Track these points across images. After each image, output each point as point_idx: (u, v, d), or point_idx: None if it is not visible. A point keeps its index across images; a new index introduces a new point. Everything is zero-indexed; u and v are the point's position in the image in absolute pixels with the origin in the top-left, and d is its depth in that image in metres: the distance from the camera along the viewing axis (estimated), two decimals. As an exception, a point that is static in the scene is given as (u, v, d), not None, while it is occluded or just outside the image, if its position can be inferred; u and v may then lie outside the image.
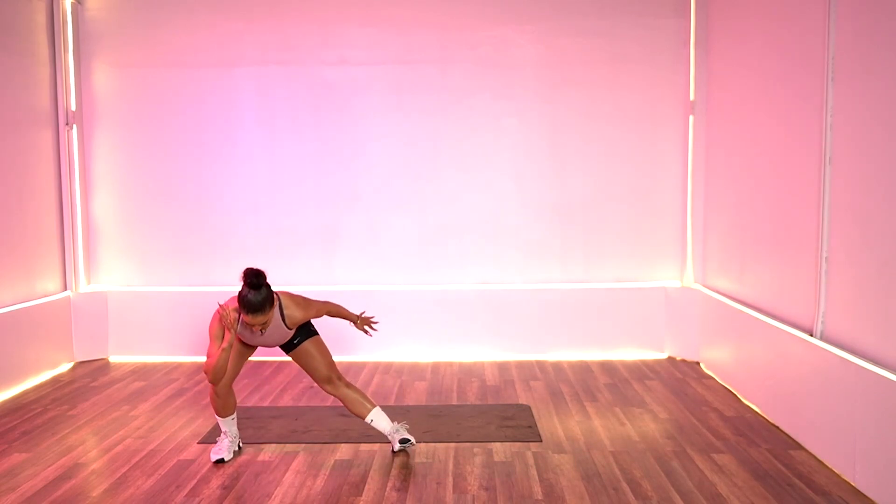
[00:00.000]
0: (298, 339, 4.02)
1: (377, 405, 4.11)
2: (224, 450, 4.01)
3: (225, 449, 4.02)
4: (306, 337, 4.03)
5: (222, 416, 4.02)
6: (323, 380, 4.04)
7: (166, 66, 6.24)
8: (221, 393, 3.93)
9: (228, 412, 4.02)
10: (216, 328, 3.78)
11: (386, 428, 4.06)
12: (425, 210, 6.29)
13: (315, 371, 4.03)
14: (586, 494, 3.54)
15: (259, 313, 3.65)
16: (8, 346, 5.33)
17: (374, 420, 4.05)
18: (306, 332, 4.04)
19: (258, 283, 3.68)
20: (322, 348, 4.05)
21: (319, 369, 4.02)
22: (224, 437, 4.05)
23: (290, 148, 6.27)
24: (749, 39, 5.14)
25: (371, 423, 4.06)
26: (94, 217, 6.33)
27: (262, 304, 3.65)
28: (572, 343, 6.18)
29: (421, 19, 6.18)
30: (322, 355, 4.03)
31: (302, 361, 4.06)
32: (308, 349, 4.02)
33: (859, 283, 3.73)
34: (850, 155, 3.84)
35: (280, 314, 3.82)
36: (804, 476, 3.72)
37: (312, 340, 4.04)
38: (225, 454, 4.00)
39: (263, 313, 3.66)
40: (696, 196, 6.08)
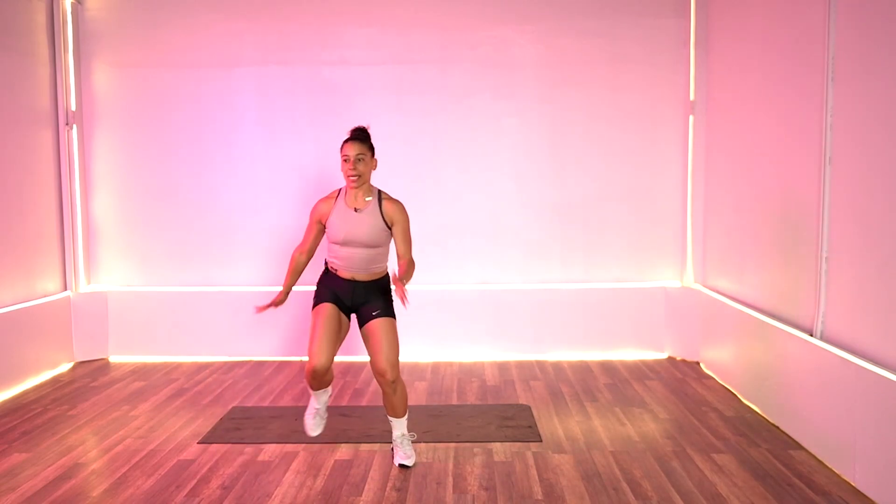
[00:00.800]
0: (378, 311, 3.86)
1: (405, 417, 3.95)
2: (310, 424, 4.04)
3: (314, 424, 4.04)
4: (386, 314, 3.87)
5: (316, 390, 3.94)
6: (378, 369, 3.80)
7: (166, 66, 6.24)
8: (318, 376, 3.78)
9: (323, 386, 3.93)
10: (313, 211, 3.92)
11: (396, 435, 3.96)
12: (425, 210, 6.27)
13: (378, 353, 3.80)
14: (586, 494, 3.54)
15: (358, 141, 3.77)
16: (8, 346, 5.33)
17: (393, 422, 3.96)
18: (387, 308, 3.89)
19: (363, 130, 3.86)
20: (394, 333, 3.86)
21: (383, 352, 3.78)
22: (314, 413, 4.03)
23: (290, 148, 6.27)
24: (749, 39, 5.14)
25: (390, 421, 3.97)
26: (94, 217, 6.33)
27: (364, 137, 3.81)
28: (572, 343, 6.18)
29: (421, 19, 6.18)
30: (391, 340, 3.83)
31: (372, 337, 3.83)
32: (383, 327, 3.83)
33: (859, 283, 3.73)
34: (850, 155, 3.84)
35: (378, 203, 3.82)
36: (804, 476, 3.72)
37: (390, 321, 3.87)
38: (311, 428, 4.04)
39: (363, 143, 3.78)
40: (696, 196, 6.08)
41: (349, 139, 3.80)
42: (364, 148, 3.79)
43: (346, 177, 3.80)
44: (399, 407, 3.91)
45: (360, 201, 3.85)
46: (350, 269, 3.87)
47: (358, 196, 3.85)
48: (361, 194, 3.85)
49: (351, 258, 3.85)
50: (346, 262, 3.86)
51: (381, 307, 3.88)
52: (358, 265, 3.86)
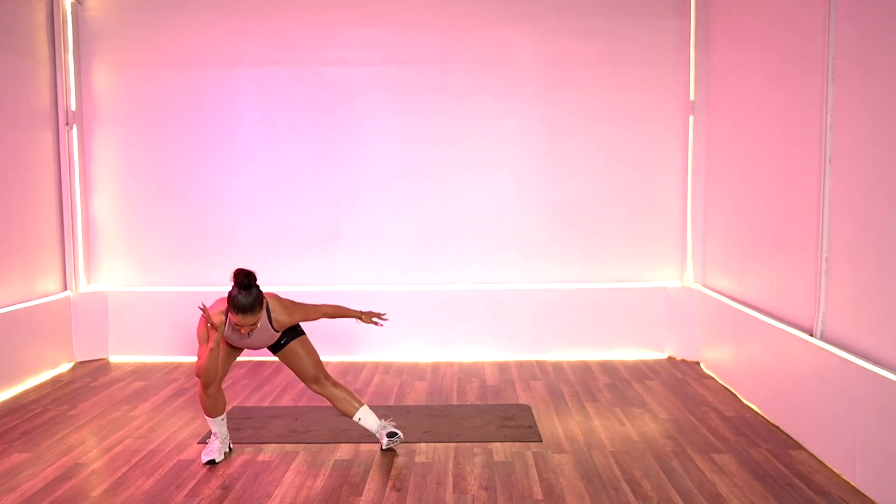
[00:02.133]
0: (285, 339, 4.03)
1: (365, 404, 4.12)
2: (215, 451, 4.01)
3: (216, 450, 4.02)
4: (293, 337, 4.04)
5: (212, 417, 4.01)
6: (310, 379, 4.05)
7: (166, 66, 6.24)
8: (211, 393, 3.92)
9: (218, 412, 4.01)
10: (203, 331, 3.76)
11: (373, 426, 4.09)
12: (425, 210, 6.29)
13: (302, 371, 4.05)
14: (586, 494, 3.54)
15: (249, 314, 3.64)
16: (8, 346, 5.33)
17: (362, 419, 4.08)
18: (293, 333, 4.05)
19: (248, 283, 3.66)
20: (309, 348, 4.06)
21: (307, 369, 4.04)
22: (214, 438, 4.05)
23: (290, 148, 6.27)
24: (749, 39, 5.14)
25: (359, 421, 4.08)
26: (94, 217, 6.33)
27: (253, 305, 3.64)
28: (572, 343, 6.18)
29: (421, 19, 6.18)
30: (309, 355, 4.04)
31: (289, 361, 4.06)
32: (295, 349, 4.03)
33: (859, 283, 3.73)
34: (850, 155, 3.84)
35: (268, 317, 3.82)
36: (804, 476, 3.72)
37: (299, 340, 4.05)
38: (216, 455, 4.00)
39: (253, 314, 3.65)
40: (696, 196, 6.08)
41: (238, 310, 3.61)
42: (256, 314, 3.67)
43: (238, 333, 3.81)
44: (350, 398, 4.07)
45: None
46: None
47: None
48: None
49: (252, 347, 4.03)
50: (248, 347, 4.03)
51: (287, 334, 4.04)
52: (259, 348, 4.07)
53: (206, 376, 3.76)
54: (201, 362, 3.73)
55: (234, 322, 3.67)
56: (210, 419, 4.02)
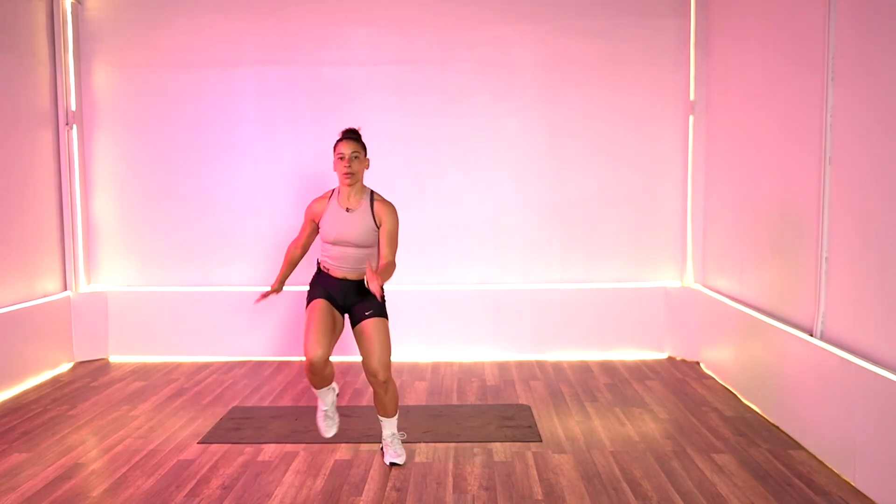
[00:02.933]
0: (371, 311, 3.86)
1: (395, 416, 3.98)
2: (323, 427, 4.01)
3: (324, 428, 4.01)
4: (379, 314, 3.87)
5: (318, 388, 3.89)
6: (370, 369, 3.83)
7: (166, 66, 6.24)
8: (317, 370, 3.74)
9: (326, 383, 3.87)
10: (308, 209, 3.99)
11: (386, 435, 3.99)
12: (425, 210, 6.28)
13: (370, 355, 3.82)
14: (586, 494, 3.54)
15: (353, 140, 3.83)
16: (8, 346, 5.33)
17: (384, 424, 3.99)
18: (380, 309, 3.89)
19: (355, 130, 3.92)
20: (387, 334, 3.86)
21: (374, 354, 3.80)
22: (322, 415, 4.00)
23: (290, 148, 6.27)
24: (749, 39, 5.14)
25: (381, 421, 4.01)
26: (94, 217, 6.33)
27: (358, 137, 3.87)
28: (572, 343, 6.18)
29: (421, 19, 6.18)
30: (383, 341, 3.83)
31: (364, 338, 3.85)
32: (376, 327, 3.83)
33: (859, 283, 3.73)
34: (850, 155, 3.84)
35: (370, 204, 3.86)
36: (804, 476, 3.72)
37: (383, 322, 3.86)
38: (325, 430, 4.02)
39: (357, 142, 3.84)
40: (696, 196, 6.08)
41: (344, 138, 3.86)
42: (358, 147, 3.86)
43: (340, 175, 3.84)
44: (390, 407, 3.93)
45: (353, 201, 3.87)
46: (342, 269, 3.88)
47: (350, 196, 3.87)
48: (354, 194, 3.87)
49: (342, 257, 3.87)
50: (338, 262, 3.88)
51: (374, 307, 3.87)
52: (349, 264, 3.87)
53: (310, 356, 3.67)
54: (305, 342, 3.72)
55: (338, 153, 3.81)
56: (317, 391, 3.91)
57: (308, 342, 3.71)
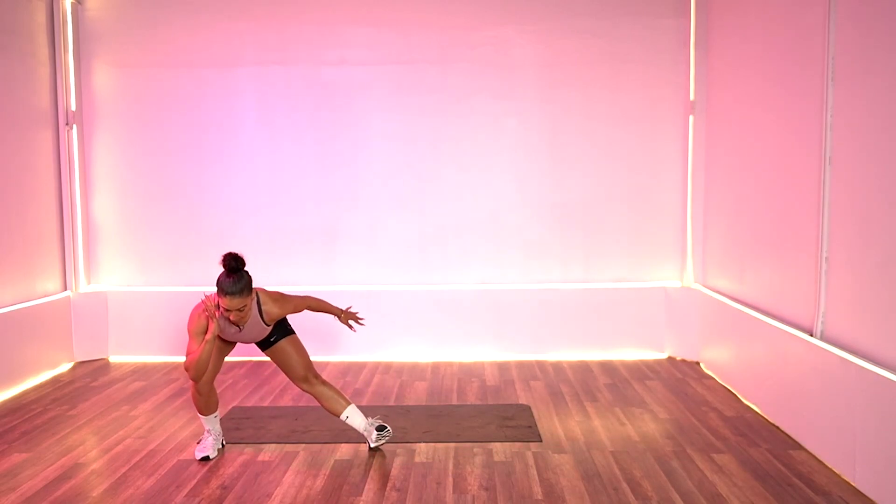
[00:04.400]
0: (275, 336, 4.05)
1: (352, 403, 4.14)
2: (209, 447, 4.05)
3: (210, 446, 4.05)
4: (283, 335, 4.06)
5: (205, 415, 4.07)
6: (299, 378, 4.07)
7: (166, 66, 6.24)
8: (204, 391, 3.96)
9: (211, 410, 4.07)
10: (195, 324, 3.79)
11: (361, 424, 4.10)
12: (425, 210, 6.29)
13: (291, 369, 4.06)
14: (586, 494, 3.54)
15: (237, 296, 3.67)
16: (8, 346, 5.33)
17: (349, 417, 4.09)
18: (283, 331, 4.07)
19: (237, 266, 3.70)
20: (298, 346, 4.08)
21: (296, 367, 4.05)
22: (208, 435, 4.10)
23: (290, 148, 6.27)
24: (749, 39, 5.14)
25: (346, 419, 4.10)
26: (94, 217, 6.33)
27: (241, 288, 3.68)
28: (572, 343, 6.18)
29: (421, 19, 6.18)
30: (298, 354, 4.06)
31: (278, 359, 4.09)
32: (284, 347, 4.05)
33: (859, 283, 3.73)
34: (850, 155, 3.84)
35: (258, 310, 3.86)
36: (804, 476, 3.72)
37: (289, 339, 4.07)
38: (210, 451, 4.04)
39: (242, 297, 3.68)
40: (696, 196, 6.08)
41: (226, 293, 3.65)
42: (245, 298, 3.70)
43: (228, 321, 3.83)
44: (337, 396, 4.09)
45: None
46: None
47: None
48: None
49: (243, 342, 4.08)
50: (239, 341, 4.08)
51: (277, 332, 4.06)
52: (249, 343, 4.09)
53: (197, 370, 3.77)
54: (192, 357, 3.75)
55: (223, 307, 3.69)
56: (203, 417, 4.07)
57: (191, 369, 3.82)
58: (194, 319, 3.80)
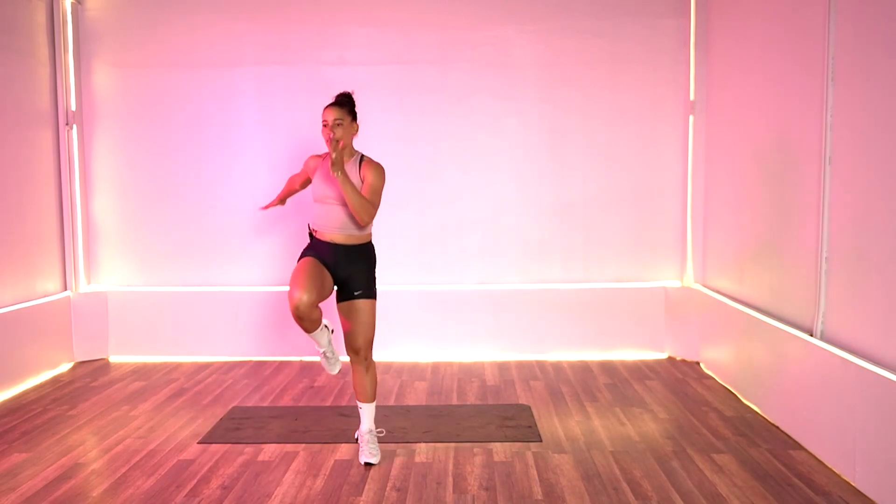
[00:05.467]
0: (360, 291, 3.92)
1: (374, 402, 4.04)
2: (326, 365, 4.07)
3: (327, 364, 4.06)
4: (367, 295, 3.93)
5: (310, 332, 3.86)
6: (355, 346, 3.93)
7: (166, 66, 6.24)
8: (304, 315, 3.72)
9: (315, 326, 3.83)
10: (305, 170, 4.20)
11: (364, 426, 4.03)
12: (425, 210, 6.29)
13: (354, 334, 3.91)
14: (586, 494, 3.54)
15: (338, 107, 3.94)
16: (8, 346, 5.33)
17: (363, 410, 4.04)
18: (368, 290, 3.94)
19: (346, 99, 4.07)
20: (373, 316, 3.95)
21: (359, 334, 3.91)
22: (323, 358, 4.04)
23: (290, 148, 6.27)
24: (749, 39, 5.14)
25: (359, 409, 4.05)
26: (94, 217, 6.33)
27: (344, 103, 4.00)
28: (572, 343, 6.18)
29: (421, 19, 6.18)
30: (369, 322, 3.93)
31: (349, 317, 3.92)
32: (362, 308, 3.91)
33: (859, 283, 3.73)
34: (850, 155, 3.84)
35: (358, 164, 4.00)
36: (804, 476, 3.72)
37: (370, 303, 3.93)
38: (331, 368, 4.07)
39: (342, 109, 3.95)
40: (696, 196, 6.08)
41: (330, 104, 3.98)
42: (343, 113, 3.96)
43: (324, 141, 3.95)
44: (370, 388, 4.00)
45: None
46: (329, 230, 3.92)
47: None
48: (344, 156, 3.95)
49: (329, 217, 3.92)
50: (326, 222, 3.93)
51: (364, 287, 3.94)
52: (336, 225, 3.91)
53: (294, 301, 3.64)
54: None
55: (324, 120, 3.91)
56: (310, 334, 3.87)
57: (292, 289, 3.70)
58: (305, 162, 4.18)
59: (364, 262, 3.98)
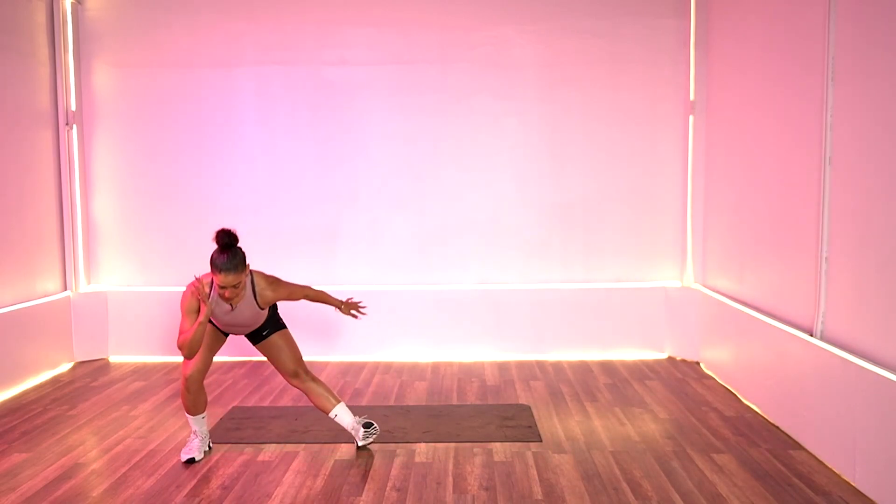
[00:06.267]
0: (268, 330, 4.03)
1: (342, 401, 4.12)
2: (195, 449, 4.01)
3: (196, 448, 4.02)
4: (275, 329, 4.05)
5: (192, 415, 4.01)
6: (289, 373, 4.05)
7: (166, 66, 6.24)
8: (192, 389, 3.91)
9: (199, 410, 4.01)
10: (188, 303, 3.73)
11: (348, 423, 4.09)
12: (425, 210, 6.29)
13: (282, 364, 4.05)
14: (586, 494, 3.54)
15: (231, 272, 3.60)
16: (8, 346, 5.33)
17: (338, 415, 4.08)
18: (275, 325, 4.06)
19: (230, 242, 3.65)
20: (290, 342, 4.07)
21: (287, 363, 4.04)
22: (194, 437, 4.05)
23: (290, 148, 6.27)
24: (749, 39, 5.14)
25: (335, 418, 4.09)
26: (94, 217, 6.33)
27: (236, 264, 3.62)
28: (572, 343, 6.18)
29: (421, 19, 6.18)
30: (290, 349, 4.05)
31: (270, 354, 4.07)
32: (276, 342, 4.04)
33: (859, 283, 3.73)
34: (850, 155, 3.84)
35: (252, 291, 3.83)
36: (804, 476, 3.72)
37: (281, 333, 4.06)
38: (196, 454, 4.00)
39: (236, 273, 3.62)
40: (696, 196, 6.08)
41: (220, 269, 3.61)
42: (238, 274, 3.65)
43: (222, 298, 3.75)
44: (328, 396, 4.07)
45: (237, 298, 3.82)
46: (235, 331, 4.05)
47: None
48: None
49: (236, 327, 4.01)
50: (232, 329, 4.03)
51: (269, 326, 4.05)
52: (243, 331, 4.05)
53: (190, 348, 3.69)
54: (186, 335, 3.67)
55: (217, 284, 3.64)
56: (191, 417, 4.02)
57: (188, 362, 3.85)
58: (187, 298, 3.73)
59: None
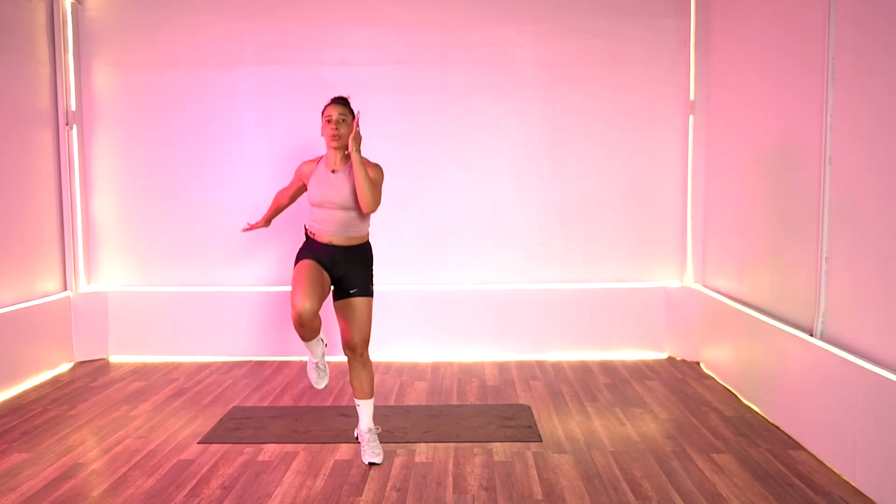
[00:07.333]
0: (355, 290, 3.92)
1: (372, 398, 4.03)
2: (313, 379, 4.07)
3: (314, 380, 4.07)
4: (363, 293, 3.94)
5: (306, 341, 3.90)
6: (351, 343, 3.94)
7: (166, 66, 6.24)
8: (306, 323, 3.76)
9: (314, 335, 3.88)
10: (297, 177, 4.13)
11: (363, 424, 4.02)
12: (425, 210, 6.29)
13: (350, 331, 3.92)
14: (586, 494, 3.54)
15: (342, 104, 3.97)
16: (8, 346, 5.33)
17: (361, 407, 4.02)
18: (365, 288, 3.95)
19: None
20: (369, 313, 3.95)
21: (355, 331, 3.91)
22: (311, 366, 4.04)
23: (290, 148, 6.27)
24: (749, 39, 5.14)
25: (357, 407, 4.04)
26: (94, 217, 6.33)
27: (346, 103, 4.01)
28: (572, 343, 6.18)
29: (421, 19, 6.18)
30: (365, 319, 3.92)
31: (344, 315, 3.93)
32: (358, 305, 3.92)
33: (859, 283, 3.73)
34: (850, 155, 3.84)
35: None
36: (804, 476, 3.72)
37: (366, 300, 3.94)
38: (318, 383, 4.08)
39: (346, 107, 3.98)
40: (696, 196, 6.08)
41: (332, 102, 4.01)
42: (346, 110, 3.99)
43: (327, 137, 3.97)
44: (367, 384, 3.99)
45: (339, 163, 3.98)
46: (327, 233, 3.93)
47: (337, 158, 4.00)
48: (340, 157, 4.00)
49: (327, 220, 3.92)
50: (323, 225, 3.93)
51: (360, 285, 3.95)
52: (334, 228, 3.92)
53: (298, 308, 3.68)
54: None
55: (326, 115, 3.95)
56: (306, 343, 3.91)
57: (296, 295, 3.73)
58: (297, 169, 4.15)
59: (361, 262, 3.99)
